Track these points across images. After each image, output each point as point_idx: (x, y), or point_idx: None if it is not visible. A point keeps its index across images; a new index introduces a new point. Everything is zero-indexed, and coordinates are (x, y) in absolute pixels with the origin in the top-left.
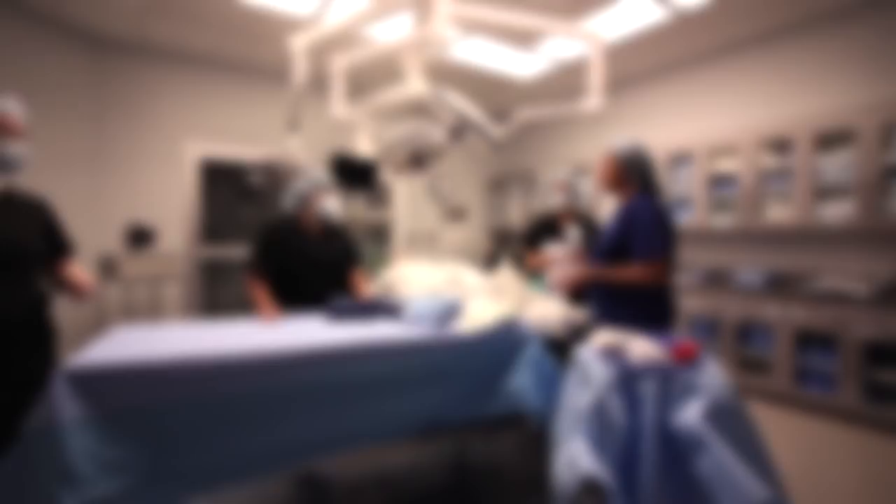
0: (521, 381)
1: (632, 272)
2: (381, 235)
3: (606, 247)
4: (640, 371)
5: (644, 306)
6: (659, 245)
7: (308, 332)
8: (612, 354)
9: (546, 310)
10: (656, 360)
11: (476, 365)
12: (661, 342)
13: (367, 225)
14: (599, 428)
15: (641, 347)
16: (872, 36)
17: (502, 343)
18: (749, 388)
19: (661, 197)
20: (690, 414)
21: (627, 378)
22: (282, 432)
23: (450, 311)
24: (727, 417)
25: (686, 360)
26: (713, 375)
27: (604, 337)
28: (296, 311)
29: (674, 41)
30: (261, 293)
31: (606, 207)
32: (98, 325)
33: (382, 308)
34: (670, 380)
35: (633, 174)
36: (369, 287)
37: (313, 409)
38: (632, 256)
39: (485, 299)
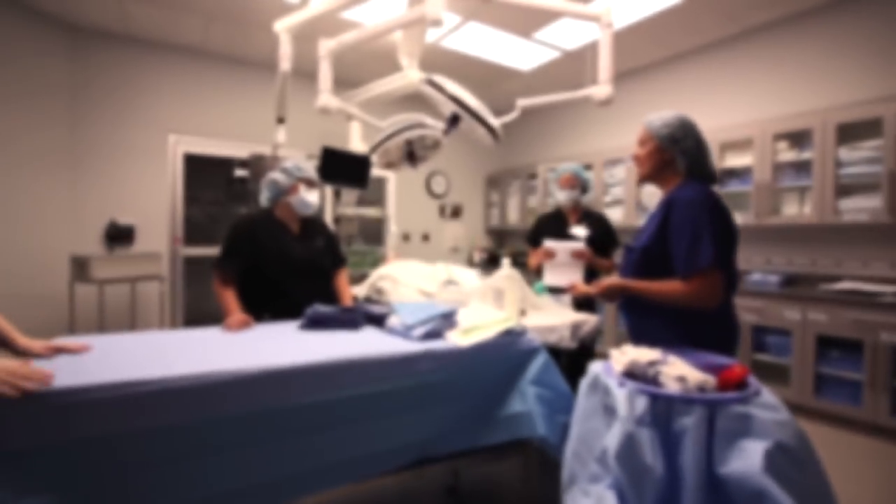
0: (527, 403)
1: (669, 288)
2: (373, 234)
3: (639, 249)
4: (678, 401)
5: (699, 328)
6: (704, 252)
7: (276, 344)
8: (641, 377)
9: (552, 316)
10: (698, 387)
11: (473, 384)
12: (694, 362)
13: (359, 223)
14: (629, 474)
15: (677, 370)
16: None
17: (504, 357)
18: None
19: (716, 185)
20: (748, 459)
21: (663, 409)
22: (234, 473)
23: (442, 321)
24: (795, 465)
25: (735, 387)
26: (772, 408)
27: (628, 353)
28: (268, 319)
29: (682, 29)
30: (228, 297)
31: (650, 198)
32: (67, 332)
33: (365, 317)
34: (717, 413)
35: (677, 157)
36: (350, 291)
37: (275, 441)
38: (670, 265)
39: (482, 305)
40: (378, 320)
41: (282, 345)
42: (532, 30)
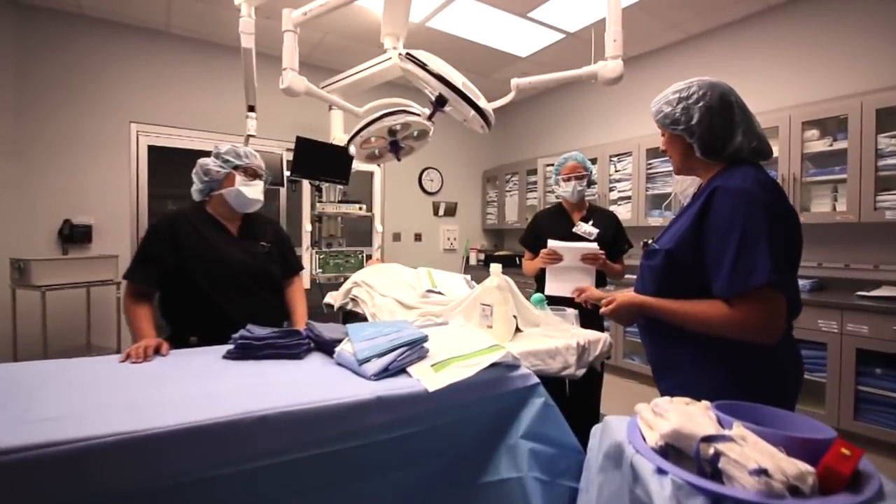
0: (519, 465)
1: (708, 311)
2: (359, 234)
3: (663, 252)
4: None
5: (748, 365)
6: (759, 265)
7: (182, 385)
8: (689, 457)
9: (554, 336)
10: (789, 485)
11: (445, 440)
12: (771, 435)
13: (343, 222)
14: None
15: (751, 452)
16: None
17: (488, 402)
18: None
19: (768, 169)
20: None
21: None
22: None
23: (405, 352)
24: None
25: (846, 481)
26: None
27: (667, 415)
28: (196, 344)
29: (695, 8)
30: (139, 316)
31: (685, 189)
32: (10, 343)
33: (313, 342)
34: None
35: (690, 140)
36: (305, 306)
37: None
38: (705, 276)
39: (466, 324)
40: (328, 347)
41: (189, 385)
42: (529, 8)
